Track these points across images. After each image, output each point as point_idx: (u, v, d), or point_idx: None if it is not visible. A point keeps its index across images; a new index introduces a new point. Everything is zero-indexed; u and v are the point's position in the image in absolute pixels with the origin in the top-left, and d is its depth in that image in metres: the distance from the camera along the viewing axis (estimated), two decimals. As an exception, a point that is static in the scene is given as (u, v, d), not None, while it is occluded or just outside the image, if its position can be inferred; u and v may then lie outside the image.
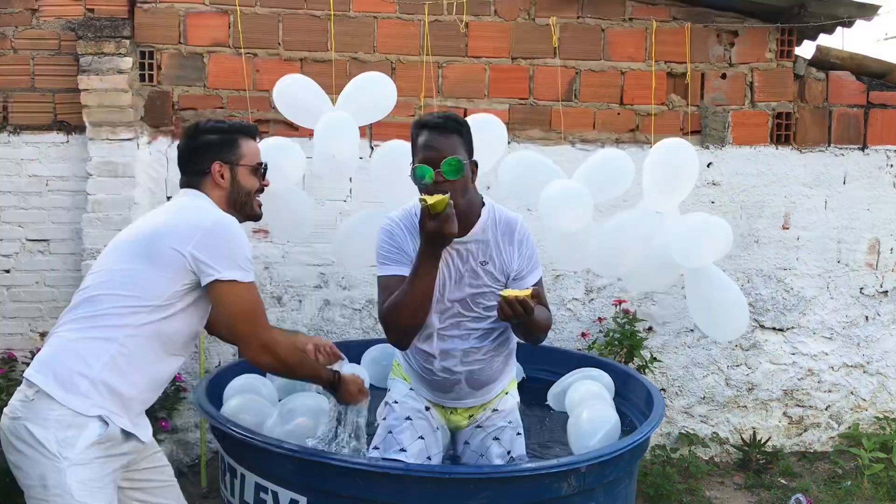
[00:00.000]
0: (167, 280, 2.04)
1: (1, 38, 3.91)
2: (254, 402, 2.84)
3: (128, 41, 3.84)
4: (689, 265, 3.00)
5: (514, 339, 2.48)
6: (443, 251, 2.18)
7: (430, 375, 2.39)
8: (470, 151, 2.26)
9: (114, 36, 3.82)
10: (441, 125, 2.22)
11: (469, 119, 3.06)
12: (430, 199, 2.03)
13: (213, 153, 2.21)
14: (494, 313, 2.30)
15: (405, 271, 2.22)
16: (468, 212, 2.27)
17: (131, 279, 2.04)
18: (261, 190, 2.31)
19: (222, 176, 2.21)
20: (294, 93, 3.25)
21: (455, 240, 2.22)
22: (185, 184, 2.26)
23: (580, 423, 2.66)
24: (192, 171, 2.23)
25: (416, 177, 2.19)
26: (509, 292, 2.08)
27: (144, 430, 2.14)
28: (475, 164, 2.30)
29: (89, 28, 3.82)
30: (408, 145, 2.36)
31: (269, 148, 2.86)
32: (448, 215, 2.03)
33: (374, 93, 3.25)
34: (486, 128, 3.10)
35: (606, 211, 3.62)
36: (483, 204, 2.34)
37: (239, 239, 2.10)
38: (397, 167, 2.86)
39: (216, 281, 2.04)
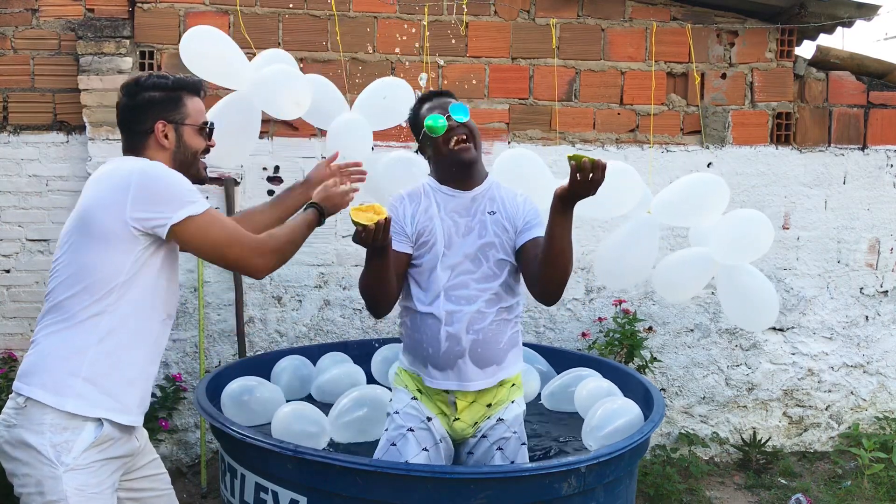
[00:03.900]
0: (122, 253, 1.94)
1: (1, 38, 3.91)
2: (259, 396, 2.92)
3: (128, 41, 3.85)
4: (740, 263, 3.04)
5: (520, 322, 2.47)
6: (440, 217, 2.35)
7: (437, 348, 2.33)
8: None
9: (114, 36, 3.83)
10: (438, 92, 2.47)
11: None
12: (357, 216, 2.02)
13: (157, 111, 2.08)
14: (504, 270, 2.37)
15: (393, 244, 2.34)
16: (478, 167, 2.42)
17: (86, 269, 1.95)
18: (206, 151, 2.20)
19: (166, 136, 2.08)
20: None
21: (461, 193, 2.39)
22: (126, 146, 2.13)
23: (604, 412, 2.74)
24: (134, 132, 2.09)
25: (430, 126, 2.30)
26: (578, 155, 2.00)
27: (143, 414, 2.10)
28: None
29: (89, 28, 3.82)
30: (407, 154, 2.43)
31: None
32: (371, 230, 2.04)
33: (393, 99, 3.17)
34: (619, 176, 2.98)
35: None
36: (488, 174, 2.50)
37: (171, 177, 1.98)
38: (403, 172, 2.92)
39: (172, 227, 1.94)
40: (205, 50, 2.95)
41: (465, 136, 2.32)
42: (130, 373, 2.01)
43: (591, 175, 2.00)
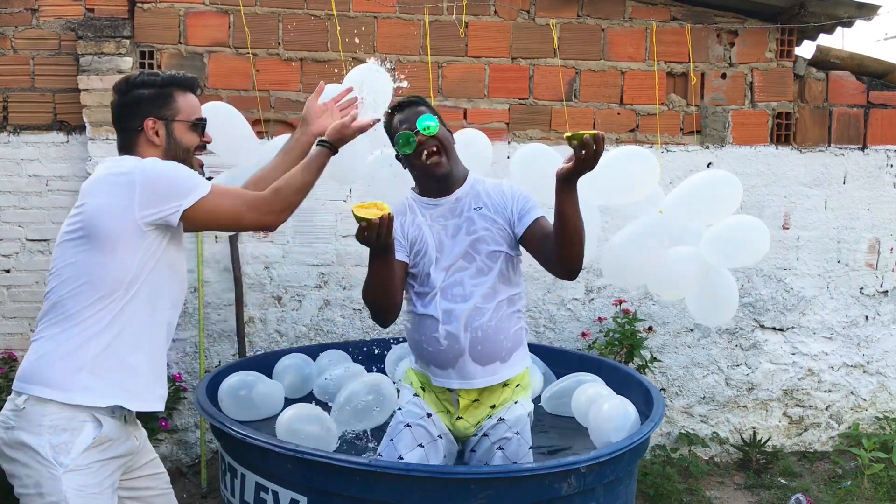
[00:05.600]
0: (129, 253, 1.95)
1: (1, 38, 3.91)
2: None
3: (128, 41, 3.85)
4: (733, 266, 3.06)
5: (524, 318, 2.46)
6: (428, 225, 2.36)
7: (436, 347, 2.34)
8: (440, 118, 2.39)
9: (114, 36, 3.83)
10: (405, 102, 2.42)
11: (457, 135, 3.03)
12: (359, 212, 1.99)
13: (146, 109, 2.06)
14: (498, 261, 2.36)
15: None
16: (454, 173, 2.40)
17: (90, 269, 1.95)
18: (202, 147, 2.18)
19: (157, 133, 2.07)
20: None
21: (443, 199, 2.39)
22: (120, 144, 2.12)
23: (606, 416, 2.74)
24: (126, 130, 2.09)
25: (401, 144, 2.31)
26: (578, 133, 2.02)
27: (160, 400, 2.09)
28: (450, 131, 2.44)
29: (89, 28, 3.82)
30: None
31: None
32: (375, 225, 2.01)
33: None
34: (635, 159, 2.97)
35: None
36: (468, 172, 2.48)
37: (171, 169, 1.98)
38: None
39: (184, 213, 1.95)
40: (217, 127, 3.10)
41: (435, 148, 2.31)
42: (134, 361, 1.99)
43: (594, 147, 2.02)
